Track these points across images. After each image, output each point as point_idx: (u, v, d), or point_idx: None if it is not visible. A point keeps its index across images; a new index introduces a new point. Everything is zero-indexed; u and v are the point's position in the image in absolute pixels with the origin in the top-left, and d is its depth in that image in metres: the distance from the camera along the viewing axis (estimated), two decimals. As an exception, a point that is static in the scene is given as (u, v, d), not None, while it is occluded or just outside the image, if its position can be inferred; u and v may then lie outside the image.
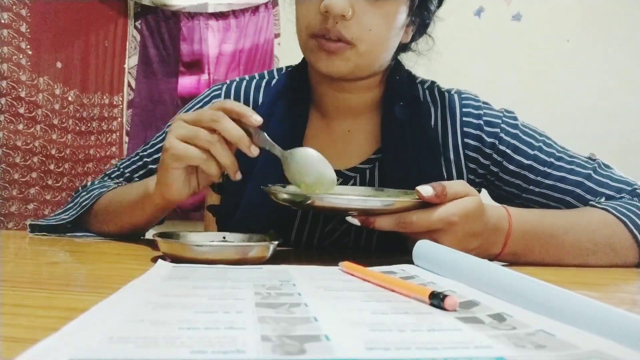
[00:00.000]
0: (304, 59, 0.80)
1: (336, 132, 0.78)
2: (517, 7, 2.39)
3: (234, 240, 0.60)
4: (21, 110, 2.14)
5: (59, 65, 2.30)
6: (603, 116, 2.29)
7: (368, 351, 0.23)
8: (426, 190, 0.53)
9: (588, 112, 2.30)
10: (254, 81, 0.83)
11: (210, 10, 2.62)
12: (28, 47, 2.13)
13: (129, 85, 2.58)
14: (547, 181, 0.73)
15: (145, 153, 0.82)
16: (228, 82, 0.84)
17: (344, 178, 0.75)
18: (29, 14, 2.11)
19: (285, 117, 0.75)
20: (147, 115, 2.58)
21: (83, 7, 2.41)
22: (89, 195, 0.76)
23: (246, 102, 0.80)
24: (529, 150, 0.74)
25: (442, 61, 0.82)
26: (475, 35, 2.39)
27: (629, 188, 0.71)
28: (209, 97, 0.83)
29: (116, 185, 0.79)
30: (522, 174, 0.74)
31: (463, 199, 0.54)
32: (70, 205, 0.78)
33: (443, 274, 0.44)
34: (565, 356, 0.23)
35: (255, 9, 2.60)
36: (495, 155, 0.75)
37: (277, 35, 2.57)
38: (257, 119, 0.56)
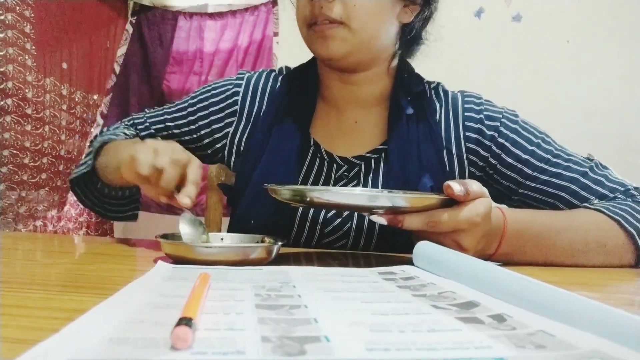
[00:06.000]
0: (313, 56, 0.83)
1: (344, 122, 0.81)
2: (517, 8, 2.39)
3: (232, 241, 0.60)
4: (28, 111, 2.12)
5: (64, 65, 2.29)
6: (603, 116, 2.29)
7: (368, 352, 0.23)
8: (457, 187, 0.52)
9: (588, 112, 2.30)
10: (273, 74, 0.87)
11: (210, 11, 2.63)
12: (33, 48, 2.12)
13: (114, 72, 2.59)
14: (543, 176, 0.74)
15: (169, 116, 0.85)
16: (249, 73, 0.87)
17: (349, 165, 0.77)
18: (32, 15, 2.10)
19: (292, 109, 0.79)
20: (125, 103, 2.61)
21: (84, 7, 2.40)
22: (97, 143, 0.77)
23: (263, 93, 0.84)
24: (527, 145, 0.75)
25: (442, 62, 0.83)
26: (475, 36, 2.39)
27: (623, 189, 0.72)
28: (232, 85, 0.85)
29: (125, 138, 0.79)
30: (519, 167, 0.75)
31: (483, 199, 0.54)
32: (87, 152, 0.81)
33: (443, 275, 0.44)
34: (565, 356, 0.23)
35: (255, 8, 2.60)
36: (494, 148, 0.76)
37: (275, 34, 2.57)
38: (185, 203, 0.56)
